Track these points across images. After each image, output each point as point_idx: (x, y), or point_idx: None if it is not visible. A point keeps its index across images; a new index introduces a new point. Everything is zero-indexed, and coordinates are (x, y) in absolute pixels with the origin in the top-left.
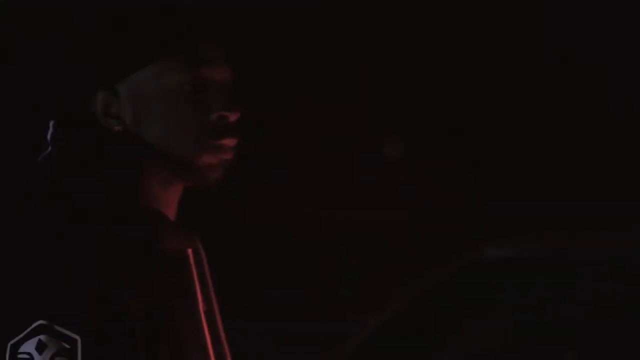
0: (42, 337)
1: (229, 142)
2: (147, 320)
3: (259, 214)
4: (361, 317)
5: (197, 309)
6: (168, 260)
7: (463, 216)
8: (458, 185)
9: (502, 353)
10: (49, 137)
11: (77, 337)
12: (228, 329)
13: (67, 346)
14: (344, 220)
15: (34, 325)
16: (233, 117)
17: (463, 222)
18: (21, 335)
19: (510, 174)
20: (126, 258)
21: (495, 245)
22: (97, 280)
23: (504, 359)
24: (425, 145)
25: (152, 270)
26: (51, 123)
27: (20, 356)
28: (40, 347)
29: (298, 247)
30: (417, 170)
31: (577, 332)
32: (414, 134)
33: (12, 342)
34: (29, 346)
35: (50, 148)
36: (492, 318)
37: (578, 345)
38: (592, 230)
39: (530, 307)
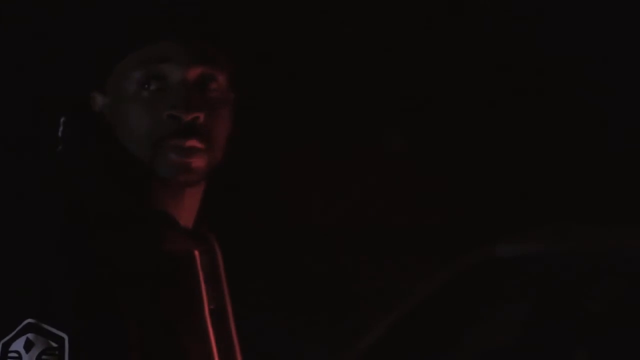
0: (30, 335)
1: (181, 142)
2: (141, 320)
3: (273, 213)
4: (372, 316)
5: (201, 310)
6: (169, 261)
7: (473, 213)
8: (467, 182)
9: (514, 351)
10: (59, 134)
11: (64, 336)
12: (245, 328)
13: (54, 344)
14: (352, 219)
15: (23, 323)
16: (187, 117)
17: (474, 220)
18: (12, 334)
19: (521, 169)
20: (122, 258)
21: (506, 243)
22: (89, 279)
23: (516, 357)
24: (433, 140)
25: (149, 271)
26: (61, 120)
27: (10, 354)
28: (28, 346)
29: (309, 246)
30: (424, 166)
31: (590, 330)
32: (429, 130)
33: (4, 340)
34: (18, 344)
35: (61, 146)
36: (504, 316)
37: (591, 344)
38: (606, 225)
39: (542, 305)
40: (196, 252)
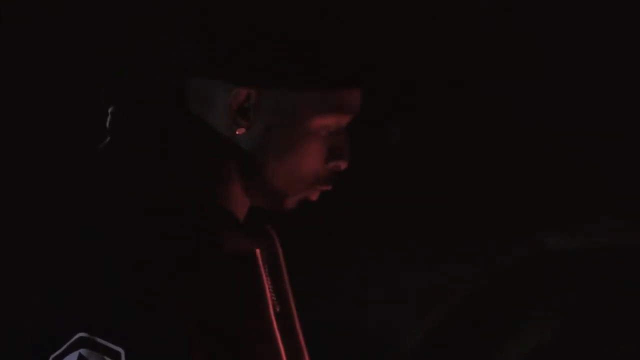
0: (82, 350)
1: (326, 188)
2: (205, 326)
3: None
4: (422, 310)
5: (266, 311)
6: (232, 262)
7: (523, 205)
8: (519, 172)
9: (559, 343)
10: (107, 125)
11: (121, 350)
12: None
13: None
14: (398, 210)
15: (74, 337)
16: (344, 166)
17: (523, 212)
18: (62, 349)
19: (569, 156)
20: (180, 261)
21: (556, 236)
22: (144, 286)
23: (561, 349)
24: (479, 128)
25: (211, 274)
26: (110, 110)
27: None
28: None
29: (353, 242)
30: (471, 156)
31: (635, 324)
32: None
33: (53, 355)
34: None
35: (109, 138)
36: (550, 308)
37: (635, 338)
38: None
39: (589, 297)
40: (257, 251)
